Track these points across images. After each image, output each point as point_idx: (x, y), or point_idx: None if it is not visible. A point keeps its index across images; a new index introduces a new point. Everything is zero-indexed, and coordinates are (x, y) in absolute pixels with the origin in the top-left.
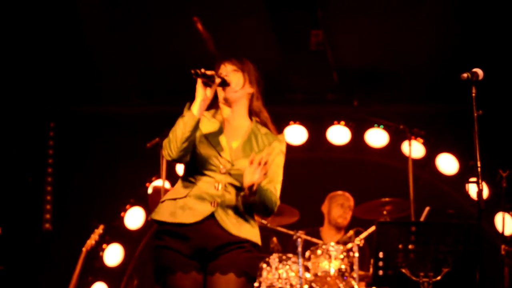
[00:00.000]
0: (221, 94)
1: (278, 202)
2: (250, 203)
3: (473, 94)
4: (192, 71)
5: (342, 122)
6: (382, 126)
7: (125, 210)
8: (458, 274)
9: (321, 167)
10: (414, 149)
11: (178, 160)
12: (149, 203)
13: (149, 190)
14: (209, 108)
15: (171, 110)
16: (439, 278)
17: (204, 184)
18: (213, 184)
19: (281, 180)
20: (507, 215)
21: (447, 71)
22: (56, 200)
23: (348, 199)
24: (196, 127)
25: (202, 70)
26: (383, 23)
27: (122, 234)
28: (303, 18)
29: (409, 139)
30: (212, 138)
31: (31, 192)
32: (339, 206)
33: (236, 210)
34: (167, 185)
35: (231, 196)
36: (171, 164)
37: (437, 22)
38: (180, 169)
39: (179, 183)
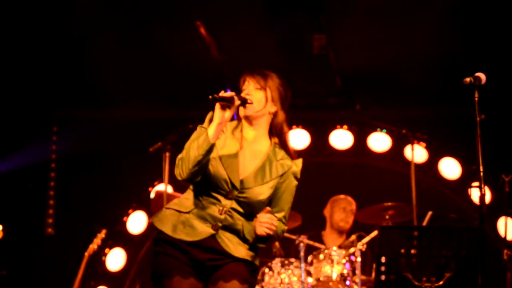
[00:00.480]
0: (241, 111)
1: (285, 228)
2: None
3: (476, 99)
4: (210, 97)
5: (345, 126)
6: (384, 131)
7: (127, 215)
8: (461, 279)
9: (324, 172)
10: (417, 153)
11: (189, 181)
12: (152, 207)
13: (152, 195)
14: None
15: (175, 115)
16: (441, 283)
17: (209, 205)
18: (217, 208)
19: (290, 206)
20: (509, 220)
21: (449, 75)
22: (59, 204)
23: (350, 203)
24: (210, 151)
25: (220, 94)
26: (385, 27)
27: (125, 238)
28: (305, 22)
29: (412, 144)
30: (226, 160)
31: (34, 197)
32: (341, 210)
33: (236, 234)
34: (169, 189)
35: (233, 221)
36: (173, 169)
37: (440, 26)
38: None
39: (187, 195)
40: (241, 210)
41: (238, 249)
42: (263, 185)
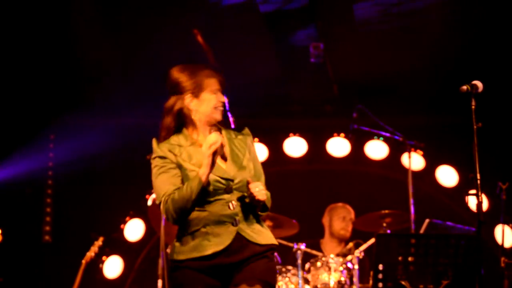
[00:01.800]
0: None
1: (269, 194)
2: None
3: (473, 107)
4: (211, 156)
5: (342, 134)
6: (381, 138)
7: (124, 222)
8: (458, 287)
9: (321, 179)
10: (414, 161)
11: (180, 222)
12: (149, 215)
13: (149, 202)
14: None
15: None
16: None
17: (217, 208)
18: (226, 205)
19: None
20: (506, 228)
21: (446, 83)
22: (56, 212)
23: (349, 212)
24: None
25: (217, 147)
26: (382, 36)
27: (122, 246)
28: (303, 31)
29: (409, 151)
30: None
31: (31, 204)
32: (340, 219)
33: (252, 219)
34: None
35: (244, 208)
36: None
37: (436, 35)
38: None
39: (190, 219)
40: (244, 194)
41: (261, 236)
42: (242, 164)
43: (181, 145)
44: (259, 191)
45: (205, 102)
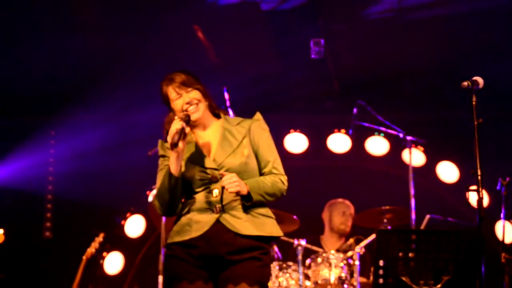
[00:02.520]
0: (187, 128)
1: (285, 178)
2: (253, 203)
3: (474, 103)
4: (171, 148)
5: (343, 130)
6: (382, 134)
7: (125, 218)
8: (459, 282)
9: (322, 175)
10: (415, 157)
11: (170, 214)
12: (149, 211)
13: (150, 199)
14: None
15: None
16: (439, 286)
17: (202, 196)
18: (210, 194)
19: (277, 154)
20: (507, 223)
21: (447, 79)
22: (57, 208)
23: (349, 207)
24: (176, 183)
25: (173, 138)
26: (383, 32)
27: (123, 242)
28: (304, 27)
29: (410, 147)
30: (192, 159)
31: (32, 200)
32: (340, 214)
33: (239, 209)
34: None
35: (231, 197)
36: None
37: (436, 30)
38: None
39: (182, 203)
40: None
41: (245, 226)
42: (234, 151)
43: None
44: (230, 183)
45: (176, 111)
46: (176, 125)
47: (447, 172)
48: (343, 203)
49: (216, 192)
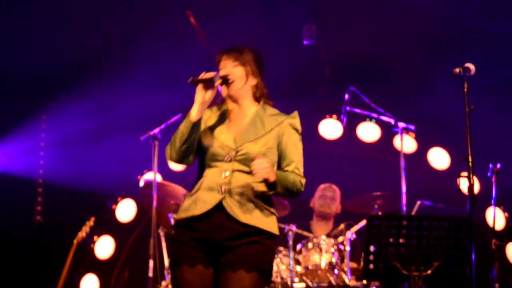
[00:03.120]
0: (224, 91)
1: (304, 181)
2: (275, 193)
3: (465, 89)
4: (190, 81)
5: (334, 116)
6: (374, 121)
7: (116, 203)
8: (449, 268)
9: (313, 161)
10: (406, 143)
11: (180, 161)
12: (140, 196)
13: (141, 183)
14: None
15: (166, 103)
16: (429, 272)
17: (212, 175)
18: (220, 173)
19: (302, 157)
20: (498, 210)
21: (438, 65)
22: (48, 192)
23: (331, 190)
24: (194, 130)
25: (200, 76)
26: (375, 17)
27: (113, 226)
28: (295, 13)
29: (401, 134)
30: (215, 129)
31: (22, 184)
32: (320, 197)
33: (247, 197)
34: (158, 178)
35: (240, 183)
36: (163, 158)
37: (429, 17)
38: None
39: (195, 179)
40: (246, 169)
41: (247, 214)
42: (257, 139)
43: (213, 111)
44: (260, 168)
45: None
46: (209, 74)
47: (438, 158)
48: (324, 187)
49: (226, 173)
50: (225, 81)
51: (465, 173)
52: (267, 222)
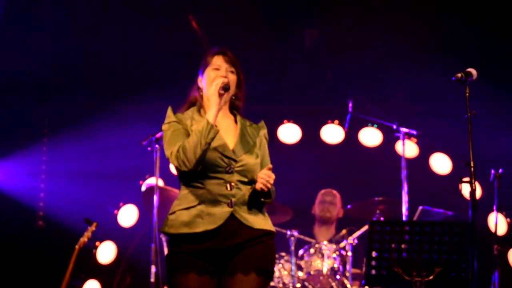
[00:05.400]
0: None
1: (274, 189)
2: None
3: (467, 94)
4: (223, 88)
5: (336, 121)
6: (376, 126)
7: (118, 208)
8: (451, 274)
9: (315, 166)
10: (408, 148)
11: (196, 168)
12: (143, 201)
13: (143, 188)
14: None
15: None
16: (431, 277)
17: (215, 187)
18: (224, 185)
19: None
20: (500, 215)
21: (440, 70)
22: (49, 197)
23: (331, 195)
24: (214, 136)
25: (225, 82)
26: (377, 22)
27: (115, 231)
28: (298, 17)
29: (403, 139)
30: (215, 140)
31: (25, 189)
32: (320, 202)
33: (249, 204)
34: (160, 183)
35: (243, 192)
36: (165, 162)
37: (431, 22)
38: (180, 175)
39: (185, 190)
40: (245, 179)
41: (257, 220)
42: (250, 150)
43: (194, 118)
44: (269, 180)
45: (206, 78)
46: (220, 79)
47: (440, 163)
48: (325, 192)
49: (232, 185)
50: (227, 88)
51: (467, 178)
52: (270, 223)
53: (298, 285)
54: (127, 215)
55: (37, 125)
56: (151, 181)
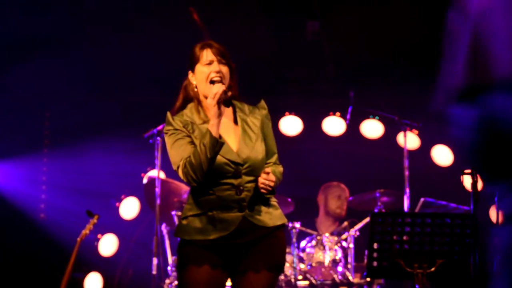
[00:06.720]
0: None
1: (282, 169)
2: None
3: None
4: (226, 99)
5: (338, 113)
6: (377, 118)
7: (120, 201)
8: (453, 266)
9: (316, 158)
10: (409, 140)
11: (203, 180)
12: (144, 193)
13: (144, 181)
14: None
15: (169, 100)
16: (433, 269)
17: (225, 193)
18: (233, 190)
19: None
20: None
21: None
22: (51, 189)
23: (344, 190)
24: (220, 149)
25: (229, 94)
26: (379, 14)
27: (117, 224)
28: (299, 9)
29: (404, 131)
30: None
31: (27, 182)
32: (336, 198)
33: (260, 202)
34: (162, 175)
35: (252, 193)
36: (166, 155)
37: (435, 14)
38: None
39: (194, 196)
40: (251, 178)
41: (269, 217)
42: (254, 146)
43: (194, 122)
44: (268, 184)
45: (198, 75)
46: (219, 87)
47: (442, 155)
48: (338, 186)
49: (240, 189)
50: (226, 92)
51: (468, 170)
52: (281, 216)
53: (300, 277)
54: (129, 208)
55: (39, 120)
56: (153, 173)
